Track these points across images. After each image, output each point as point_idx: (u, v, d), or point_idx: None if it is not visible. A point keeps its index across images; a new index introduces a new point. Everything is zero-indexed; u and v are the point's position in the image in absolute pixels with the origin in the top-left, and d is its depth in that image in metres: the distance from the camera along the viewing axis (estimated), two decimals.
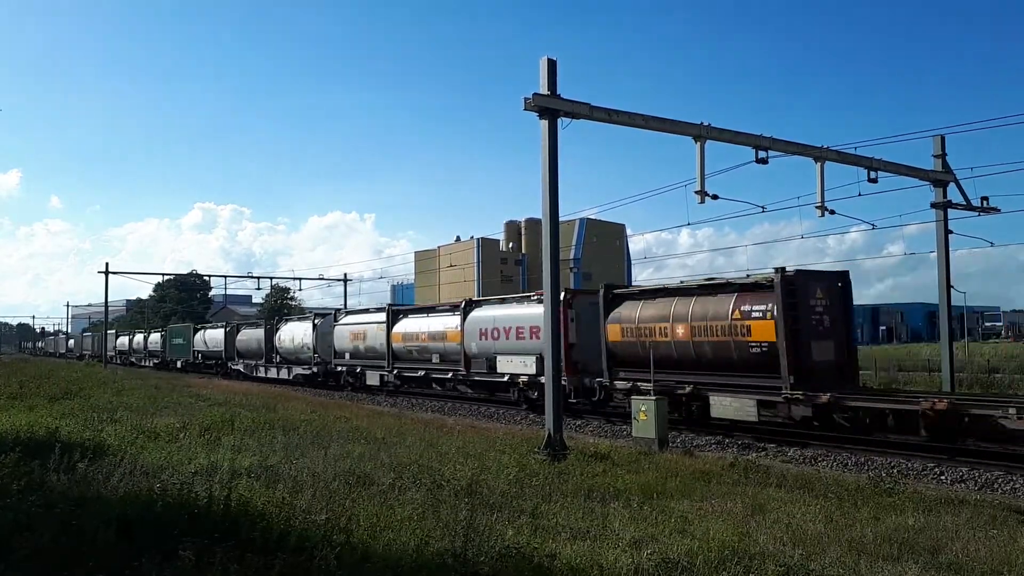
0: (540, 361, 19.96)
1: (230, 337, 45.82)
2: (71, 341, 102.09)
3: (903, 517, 8.44)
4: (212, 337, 49.16)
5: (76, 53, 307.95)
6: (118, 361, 66.61)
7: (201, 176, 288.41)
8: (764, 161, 16.18)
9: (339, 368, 32.67)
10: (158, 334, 62.64)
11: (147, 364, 61.80)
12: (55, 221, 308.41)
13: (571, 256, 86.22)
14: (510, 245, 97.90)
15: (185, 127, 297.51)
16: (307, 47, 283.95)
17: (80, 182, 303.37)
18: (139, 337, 67.27)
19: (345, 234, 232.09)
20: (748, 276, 17.63)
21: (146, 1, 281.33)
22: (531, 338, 21.51)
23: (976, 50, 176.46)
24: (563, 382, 16.64)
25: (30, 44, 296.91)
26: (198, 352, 50.90)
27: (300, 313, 55.21)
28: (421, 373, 26.95)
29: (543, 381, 16.18)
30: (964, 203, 20.23)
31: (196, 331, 52.56)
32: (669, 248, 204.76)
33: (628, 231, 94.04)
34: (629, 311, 18.86)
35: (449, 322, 25.66)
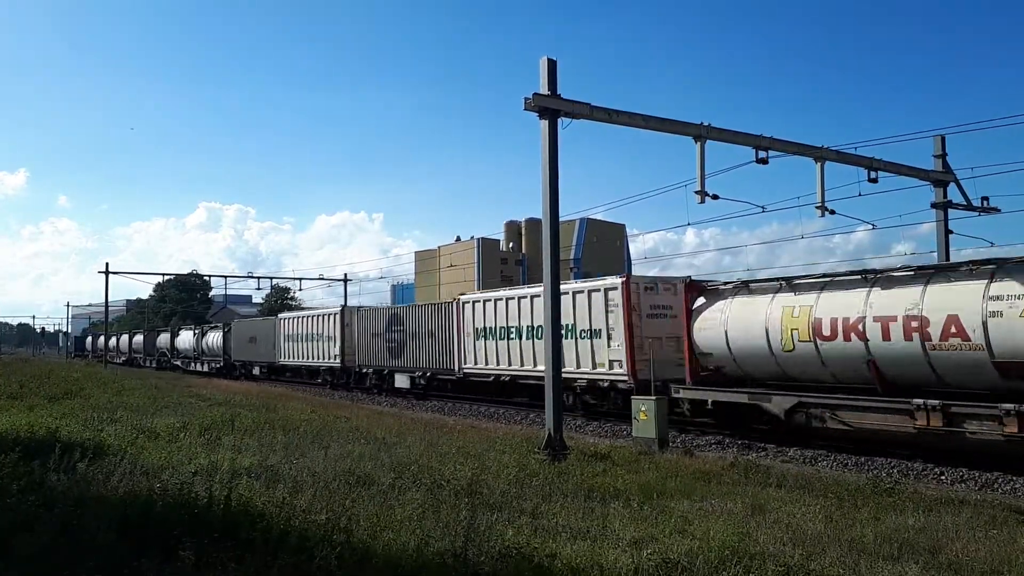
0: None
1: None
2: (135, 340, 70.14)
3: (903, 517, 8.45)
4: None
5: (84, 52, 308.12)
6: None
7: (207, 175, 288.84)
8: (764, 161, 16.18)
9: None
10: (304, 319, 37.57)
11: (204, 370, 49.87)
12: (62, 220, 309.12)
13: (571, 256, 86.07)
14: (510, 245, 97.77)
15: (193, 127, 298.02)
16: (314, 48, 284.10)
17: (88, 181, 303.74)
18: (214, 335, 50.14)
19: (353, 233, 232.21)
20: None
21: (154, 1, 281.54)
22: None
23: (976, 50, 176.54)
24: None
25: (38, 43, 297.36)
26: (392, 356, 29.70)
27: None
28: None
29: None
30: (964, 203, 20.25)
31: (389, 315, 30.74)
32: (674, 248, 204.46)
33: (631, 231, 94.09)
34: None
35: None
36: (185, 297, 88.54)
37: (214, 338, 50.03)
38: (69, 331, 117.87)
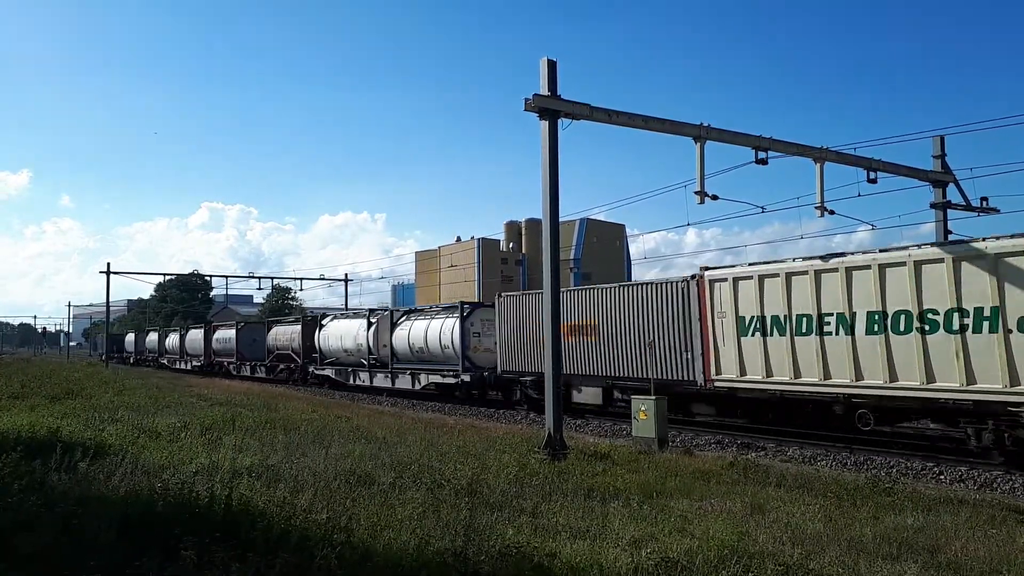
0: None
1: None
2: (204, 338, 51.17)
3: (902, 517, 8.46)
4: None
5: (86, 53, 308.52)
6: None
7: (210, 176, 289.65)
8: (764, 162, 16.17)
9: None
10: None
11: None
12: (65, 220, 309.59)
13: (571, 256, 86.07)
14: (510, 245, 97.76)
15: (196, 127, 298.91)
16: (317, 49, 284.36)
17: (91, 181, 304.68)
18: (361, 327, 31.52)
19: (355, 233, 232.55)
20: None
21: (157, 1, 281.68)
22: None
23: (976, 50, 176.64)
24: None
25: (39, 43, 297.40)
26: None
27: (300, 313, 53.78)
28: None
29: None
30: (963, 203, 20.24)
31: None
32: (675, 248, 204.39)
33: (632, 231, 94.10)
34: None
35: None
36: (186, 297, 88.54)
37: (437, 330, 26.74)
38: (71, 331, 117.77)
